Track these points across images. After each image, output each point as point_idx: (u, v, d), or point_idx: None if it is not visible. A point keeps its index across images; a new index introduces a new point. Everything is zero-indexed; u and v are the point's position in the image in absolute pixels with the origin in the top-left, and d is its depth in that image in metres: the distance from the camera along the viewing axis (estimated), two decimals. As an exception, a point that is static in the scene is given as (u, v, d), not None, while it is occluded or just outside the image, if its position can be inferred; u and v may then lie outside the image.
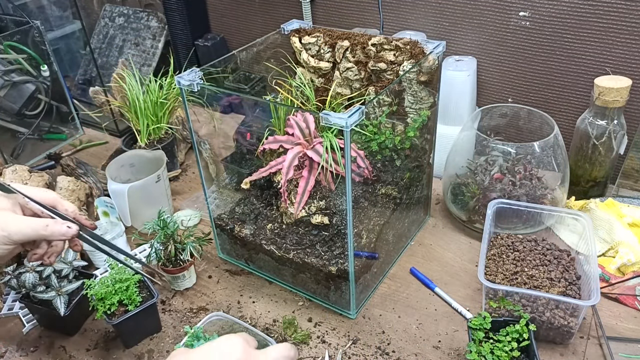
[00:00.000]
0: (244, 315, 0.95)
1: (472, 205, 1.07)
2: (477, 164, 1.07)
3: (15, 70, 1.40)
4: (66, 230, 0.69)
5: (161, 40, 1.69)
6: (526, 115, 1.12)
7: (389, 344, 0.88)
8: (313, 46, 1.03)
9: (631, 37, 1.12)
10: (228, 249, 1.07)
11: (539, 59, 1.25)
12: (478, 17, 1.29)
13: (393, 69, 0.96)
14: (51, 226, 0.68)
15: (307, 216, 0.92)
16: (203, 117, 1.04)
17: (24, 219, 0.68)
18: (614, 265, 0.96)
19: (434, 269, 1.02)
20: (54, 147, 1.51)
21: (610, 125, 1.07)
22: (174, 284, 1.01)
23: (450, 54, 1.35)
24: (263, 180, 1.00)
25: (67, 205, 0.73)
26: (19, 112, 1.41)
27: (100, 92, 1.47)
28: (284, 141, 0.91)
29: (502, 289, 0.84)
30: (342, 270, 0.88)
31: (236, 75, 1.43)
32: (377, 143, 1.00)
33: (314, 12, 1.55)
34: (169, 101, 1.30)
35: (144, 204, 1.13)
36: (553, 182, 1.04)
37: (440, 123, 1.10)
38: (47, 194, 0.73)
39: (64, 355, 0.90)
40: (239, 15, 1.71)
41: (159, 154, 1.18)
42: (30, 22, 1.41)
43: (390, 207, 0.99)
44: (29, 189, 0.72)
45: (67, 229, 0.69)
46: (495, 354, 0.76)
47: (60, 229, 0.69)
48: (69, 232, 0.69)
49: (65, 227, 0.69)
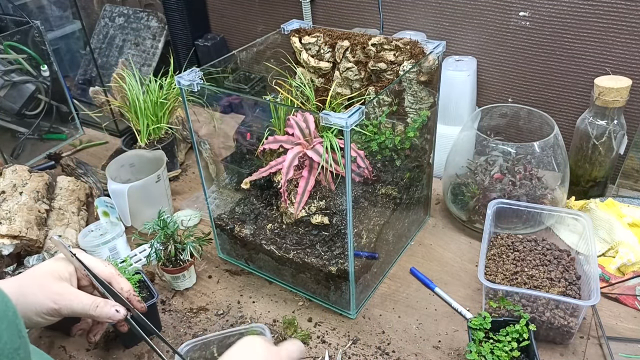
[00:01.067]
0: (244, 315, 0.95)
1: (472, 205, 1.07)
2: (477, 164, 1.07)
3: (15, 70, 1.40)
4: (114, 314, 0.67)
5: (161, 40, 1.69)
6: (526, 115, 1.12)
7: (389, 344, 0.88)
8: (313, 46, 1.03)
9: (631, 37, 1.12)
10: (228, 249, 1.07)
11: (539, 59, 1.25)
12: (478, 17, 1.29)
13: (393, 69, 0.96)
14: (101, 308, 0.67)
15: (307, 216, 0.92)
16: (203, 117, 1.04)
17: (76, 295, 0.67)
18: (614, 265, 0.96)
19: (434, 269, 1.02)
20: (54, 147, 1.51)
21: (610, 125, 1.07)
22: (174, 284, 1.01)
23: (450, 54, 1.35)
24: (263, 180, 1.00)
25: (123, 284, 0.72)
26: (19, 112, 1.41)
27: (100, 92, 1.47)
28: (284, 141, 0.91)
29: (502, 289, 0.84)
30: (342, 270, 0.88)
31: (236, 75, 1.43)
32: (377, 143, 1.00)
33: (314, 12, 1.54)
34: (169, 101, 1.30)
35: (144, 204, 1.13)
36: (553, 182, 1.04)
37: (440, 123, 1.10)
38: (106, 268, 0.72)
39: (64, 355, 0.90)
40: (239, 15, 1.71)
41: (159, 154, 1.18)
42: (30, 22, 1.41)
43: (390, 207, 0.99)
44: (90, 259, 0.71)
45: (115, 313, 0.67)
46: (495, 354, 0.76)
47: (109, 311, 0.67)
48: (115, 316, 0.68)
49: (114, 311, 0.67)
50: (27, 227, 1.00)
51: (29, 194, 1.07)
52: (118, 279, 0.72)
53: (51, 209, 1.11)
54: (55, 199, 1.14)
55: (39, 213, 1.06)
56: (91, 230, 1.10)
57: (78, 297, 0.66)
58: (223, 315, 0.96)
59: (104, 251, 1.06)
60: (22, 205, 1.04)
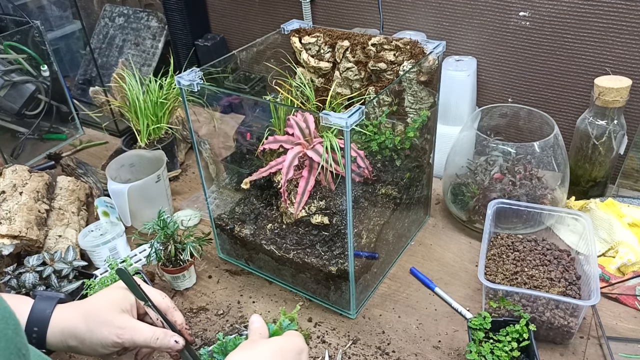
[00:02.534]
0: (244, 315, 0.95)
1: (472, 205, 1.07)
2: (477, 164, 1.07)
3: (15, 70, 1.40)
4: (173, 345, 0.68)
5: (161, 40, 1.69)
6: (526, 115, 1.12)
7: (389, 344, 0.88)
8: (313, 46, 1.03)
9: (631, 37, 1.12)
10: (228, 249, 1.07)
11: (539, 59, 1.25)
12: (478, 17, 1.29)
13: (393, 69, 0.96)
14: (161, 340, 0.68)
15: (307, 216, 0.92)
16: (203, 117, 1.04)
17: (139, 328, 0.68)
18: (614, 265, 0.96)
19: (434, 269, 1.02)
20: (54, 147, 1.51)
21: (610, 125, 1.07)
22: (174, 284, 1.01)
23: (450, 54, 1.35)
24: (263, 180, 1.00)
25: (176, 317, 0.73)
26: (19, 112, 1.41)
27: (100, 92, 1.47)
28: (284, 141, 0.91)
29: (502, 289, 0.84)
30: (342, 270, 0.88)
31: (236, 75, 1.43)
32: (377, 143, 1.00)
33: (314, 12, 1.54)
34: (169, 101, 1.30)
35: (144, 204, 1.13)
36: (553, 182, 1.04)
37: (440, 123, 1.10)
38: (163, 300, 0.72)
39: (64, 355, 0.90)
40: (239, 15, 1.71)
41: (159, 154, 1.18)
42: (30, 22, 1.41)
43: (390, 207, 0.99)
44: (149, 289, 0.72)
45: (175, 344, 0.69)
46: (495, 354, 0.76)
47: (169, 343, 0.68)
48: (175, 347, 0.69)
49: (173, 342, 0.68)
50: (27, 227, 1.00)
51: (29, 194, 1.07)
52: (173, 312, 0.73)
53: (51, 209, 1.11)
54: (55, 199, 1.14)
55: (39, 213, 1.06)
56: (91, 230, 1.10)
57: (140, 330, 0.68)
58: (223, 315, 0.96)
59: (104, 251, 1.06)
60: (22, 205, 1.04)
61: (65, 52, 1.76)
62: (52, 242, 1.05)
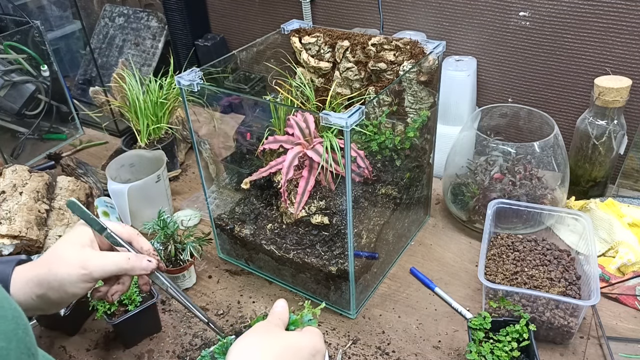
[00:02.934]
0: (244, 315, 0.95)
1: (472, 205, 1.07)
2: (477, 164, 1.07)
3: (15, 70, 1.40)
4: (147, 265, 0.68)
5: (161, 40, 1.69)
6: (526, 115, 1.12)
7: (389, 344, 0.88)
8: (313, 46, 1.03)
9: (631, 37, 1.12)
10: (228, 249, 1.07)
11: (539, 59, 1.25)
12: (478, 17, 1.29)
13: (393, 69, 0.96)
14: (132, 260, 0.67)
15: (307, 216, 0.92)
16: (203, 117, 1.04)
17: (104, 255, 0.67)
18: (614, 265, 0.96)
19: (434, 269, 1.02)
20: (54, 147, 1.51)
21: (610, 125, 1.07)
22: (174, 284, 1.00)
23: (450, 54, 1.35)
24: (263, 180, 1.00)
25: (142, 243, 0.72)
26: (19, 112, 1.41)
27: (100, 92, 1.47)
28: (284, 141, 0.91)
29: (502, 289, 0.84)
30: (342, 270, 0.88)
31: (236, 75, 1.43)
32: (377, 143, 1.00)
33: (314, 12, 1.54)
34: (169, 101, 1.30)
35: (144, 204, 1.13)
36: (553, 182, 1.04)
37: (440, 123, 1.10)
38: (124, 228, 0.72)
39: (64, 355, 0.90)
40: (239, 15, 1.71)
41: (159, 154, 1.18)
42: (30, 22, 1.41)
43: (390, 207, 0.99)
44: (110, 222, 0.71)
45: (148, 263, 0.68)
46: (495, 354, 0.76)
47: (142, 263, 0.68)
48: (149, 266, 0.68)
49: (146, 261, 0.68)
50: (27, 227, 1.00)
51: (29, 194, 1.07)
52: (138, 239, 0.72)
53: (51, 209, 1.11)
54: (55, 199, 1.14)
55: (39, 213, 1.06)
56: (91, 230, 1.10)
57: (107, 256, 0.66)
58: (223, 315, 0.96)
59: (104, 251, 1.05)
60: (22, 205, 1.04)
61: (65, 52, 1.76)
62: (52, 242, 1.05)
